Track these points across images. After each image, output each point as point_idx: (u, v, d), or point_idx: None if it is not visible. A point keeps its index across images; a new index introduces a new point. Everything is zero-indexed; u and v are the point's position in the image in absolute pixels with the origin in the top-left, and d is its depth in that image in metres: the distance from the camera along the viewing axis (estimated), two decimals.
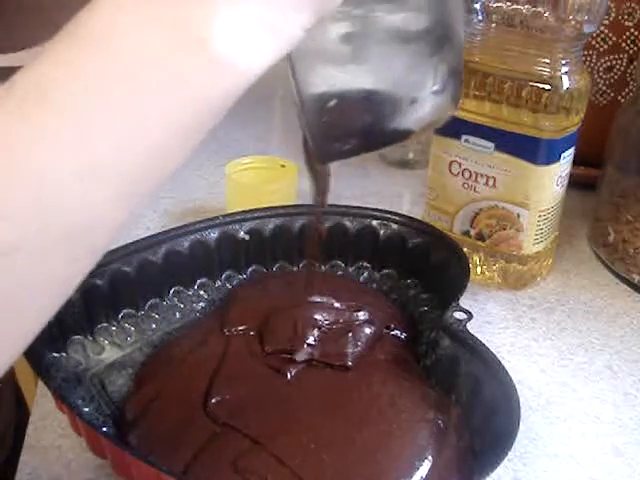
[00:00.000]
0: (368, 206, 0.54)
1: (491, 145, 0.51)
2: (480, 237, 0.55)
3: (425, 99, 0.30)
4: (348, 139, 0.31)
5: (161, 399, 0.40)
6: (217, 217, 0.51)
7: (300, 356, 0.43)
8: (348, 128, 0.31)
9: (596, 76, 0.67)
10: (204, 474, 0.35)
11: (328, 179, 0.36)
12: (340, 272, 0.54)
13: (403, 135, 0.31)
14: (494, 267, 0.55)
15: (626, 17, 0.64)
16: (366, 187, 0.72)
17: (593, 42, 0.65)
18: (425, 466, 0.36)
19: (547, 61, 0.48)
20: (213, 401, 0.40)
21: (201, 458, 0.36)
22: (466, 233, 0.55)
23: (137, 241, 0.47)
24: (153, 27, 0.21)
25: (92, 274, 0.45)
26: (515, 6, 0.47)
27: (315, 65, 0.29)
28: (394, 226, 0.53)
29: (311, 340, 0.44)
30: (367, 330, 0.45)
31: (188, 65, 0.22)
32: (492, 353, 0.40)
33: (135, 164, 0.22)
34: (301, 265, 0.53)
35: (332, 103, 0.29)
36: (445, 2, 0.28)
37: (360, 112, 0.30)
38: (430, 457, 0.37)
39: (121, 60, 0.21)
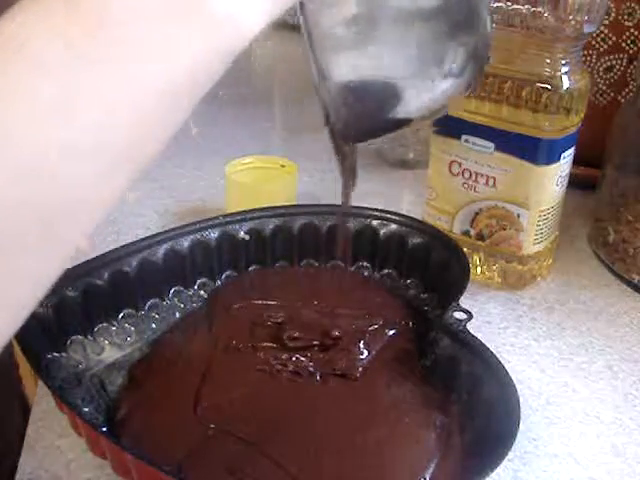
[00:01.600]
0: (368, 206, 0.54)
1: (491, 145, 0.51)
2: (480, 237, 0.55)
3: (441, 81, 0.29)
4: (371, 121, 0.31)
5: (151, 401, 0.40)
6: (217, 217, 0.51)
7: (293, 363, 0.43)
8: (369, 110, 0.30)
9: (596, 76, 0.67)
10: (197, 477, 0.35)
11: (354, 157, 0.36)
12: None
13: (420, 116, 0.31)
14: (494, 267, 0.55)
15: (626, 17, 0.64)
16: (366, 187, 0.71)
17: (593, 42, 0.65)
18: (429, 472, 0.36)
19: (547, 61, 0.48)
20: (203, 406, 0.39)
21: (193, 461, 0.36)
22: (466, 233, 0.55)
23: (137, 241, 0.47)
24: None
25: (92, 274, 0.45)
26: (515, 6, 0.47)
27: (334, 49, 0.28)
28: (394, 226, 0.53)
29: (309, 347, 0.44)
30: (379, 336, 0.45)
31: (183, 23, 0.21)
32: (492, 353, 0.40)
33: (123, 132, 0.21)
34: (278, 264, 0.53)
35: (354, 87, 0.28)
36: None
37: (380, 94, 0.29)
38: (434, 464, 0.36)
39: (108, 18, 0.20)
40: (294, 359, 0.43)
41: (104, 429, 0.37)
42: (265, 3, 0.22)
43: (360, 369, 0.42)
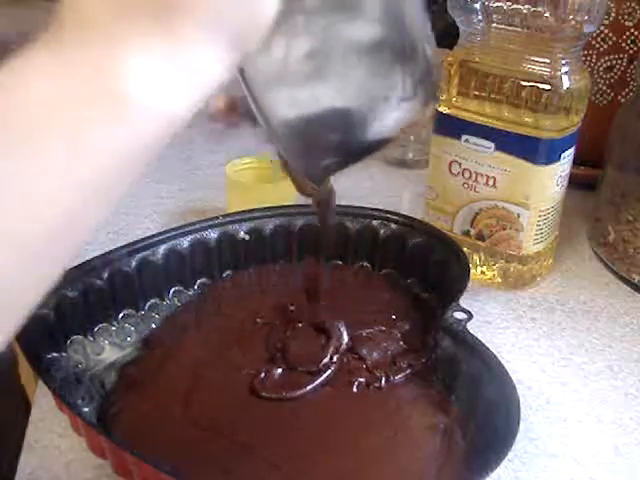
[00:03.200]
0: (368, 206, 0.54)
1: (491, 145, 0.51)
2: (480, 237, 0.55)
3: (396, 107, 0.30)
4: (328, 157, 0.32)
5: (143, 401, 0.40)
6: (217, 217, 0.51)
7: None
8: (325, 147, 0.31)
9: (596, 76, 0.67)
10: (192, 478, 0.35)
11: (330, 193, 0.36)
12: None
13: (381, 143, 0.32)
14: (494, 267, 0.55)
15: (626, 17, 0.64)
16: (366, 187, 0.72)
17: (593, 42, 0.65)
18: (432, 476, 0.36)
19: (547, 61, 0.48)
20: (194, 408, 0.39)
21: (187, 462, 0.36)
22: (466, 233, 0.55)
23: (137, 241, 0.47)
24: (62, 77, 0.20)
25: (92, 274, 0.45)
26: (515, 6, 0.47)
27: (279, 89, 0.28)
28: (394, 226, 0.53)
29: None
30: (393, 332, 0.45)
31: (102, 112, 0.20)
32: (492, 353, 0.40)
33: (40, 228, 0.20)
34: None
35: (304, 126, 0.29)
36: (402, 11, 0.28)
37: (333, 129, 0.30)
38: (437, 467, 0.36)
39: (24, 108, 0.20)
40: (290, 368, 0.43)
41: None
42: (187, 86, 0.22)
43: (383, 379, 0.42)
